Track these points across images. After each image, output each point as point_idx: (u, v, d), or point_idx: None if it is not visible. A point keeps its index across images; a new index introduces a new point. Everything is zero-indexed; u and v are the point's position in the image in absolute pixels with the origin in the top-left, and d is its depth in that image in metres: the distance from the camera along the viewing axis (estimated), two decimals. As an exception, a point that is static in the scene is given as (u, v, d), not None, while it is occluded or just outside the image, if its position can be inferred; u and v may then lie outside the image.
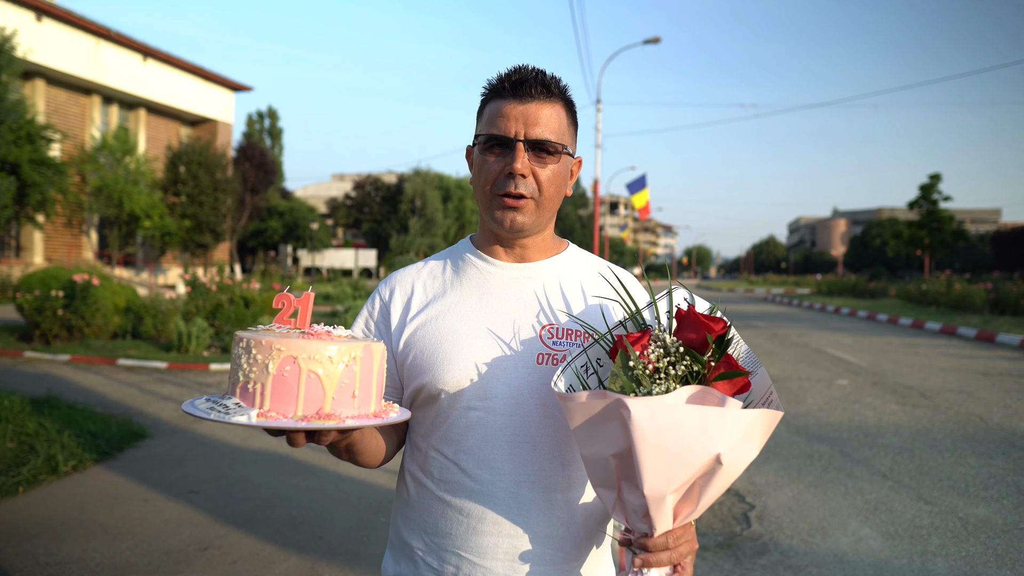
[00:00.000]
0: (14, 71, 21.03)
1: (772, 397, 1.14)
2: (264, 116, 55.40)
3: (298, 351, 0.96)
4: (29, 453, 5.35)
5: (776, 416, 1.06)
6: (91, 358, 10.30)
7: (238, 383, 1.00)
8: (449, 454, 1.26)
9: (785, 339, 15.31)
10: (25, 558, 3.78)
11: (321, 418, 0.96)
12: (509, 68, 1.29)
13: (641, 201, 23.04)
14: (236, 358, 1.01)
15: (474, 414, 1.24)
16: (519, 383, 1.24)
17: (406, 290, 1.35)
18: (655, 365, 1.05)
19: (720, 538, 4.24)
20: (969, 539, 4.25)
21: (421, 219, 47.99)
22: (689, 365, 1.06)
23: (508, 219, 1.25)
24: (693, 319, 1.08)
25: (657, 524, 1.05)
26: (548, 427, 1.24)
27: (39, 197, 22.16)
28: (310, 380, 0.97)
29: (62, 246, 29.28)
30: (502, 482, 1.23)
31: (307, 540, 4.12)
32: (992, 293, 21.76)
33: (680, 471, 1.01)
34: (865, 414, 7.57)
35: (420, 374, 1.27)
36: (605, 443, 1.05)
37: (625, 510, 1.09)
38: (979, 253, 64.29)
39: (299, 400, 0.97)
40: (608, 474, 1.09)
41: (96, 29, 29.16)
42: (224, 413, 0.96)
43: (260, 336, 0.99)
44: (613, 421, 1.02)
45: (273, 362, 0.96)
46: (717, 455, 1.00)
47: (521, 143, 1.23)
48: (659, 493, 1.02)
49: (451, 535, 1.26)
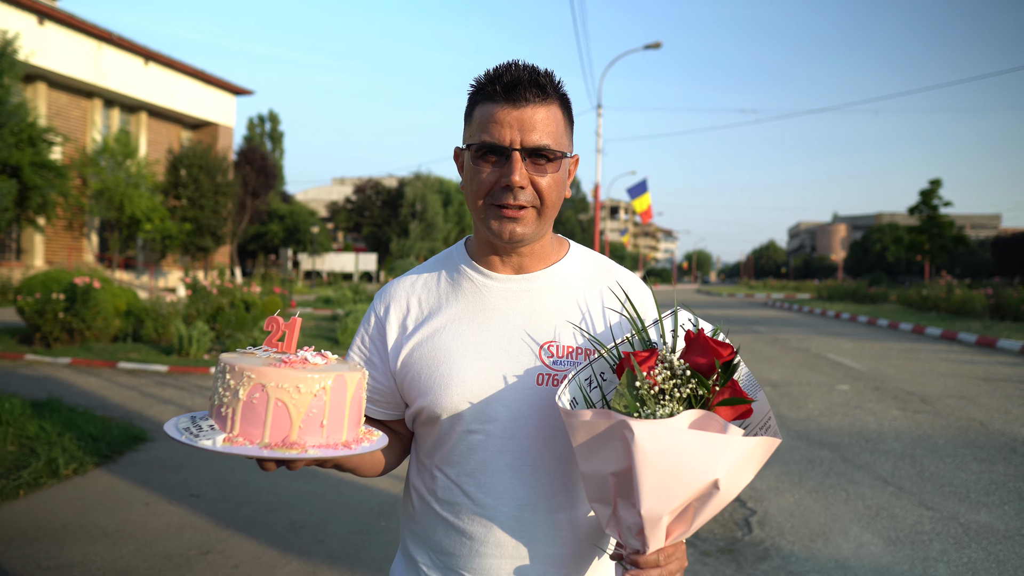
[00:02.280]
0: (16, 74, 21.05)
1: (770, 423, 1.15)
2: (265, 120, 55.49)
3: (267, 379, 0.98)
4: (30, 456, 5.34)
5: (773, 444, 1.07)
6: (92, 361, 10.29)
7: (214, 405, 1.03)
8: (452, 475, 1.25)
9: (786, 344, 15.30)
10: (26, 562, 3.77)
11: (286, 446, 0.98)
12: (498, 66, 1.19)
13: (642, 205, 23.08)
14: (215, 380, 1.04)
15: (474, 437, 1.22)
16: (519, 405, 1.21)
17: (401, 307, 1.31)
18: (660, 386, 1.05)
19: (721, 543, 4.24)
20: (971, 545, 4.25)
21: (421, 223, 48.03)
22: (694, 388, 1.06)
23: (507, 231, 1.19)
24: (702, 343, 1.08)
25: (650, 542, 1.07)
26: (549, 449, 1.22)
27: (40, 200, 22.16)
28: (277, 408, 0.99)
29: (63, 249, 29.29)
30: (504, 506, 1.22)
31: (308, 544, 4.12)
32: (992, 299, 21.75)
33: (678, 494, 1.03)
34: (866, 419, 7.56)
35: (419, 396, 1.25)
36: (606, 461, 1.06)
37: (619, 526, 1.10)
38: (979, 259, 64.23)
39: (266, 427, 0.99)
40: (605, 491, 1.10)
41: (98, 32, 29.21)
42: (195, 436, 0.99)
43: (235, 361, 1.01)
44: (615, 441, 1.04)
45: (244, 388, 0.99)
46: (715, 480, 1.02)
47: (518, 152, 1.15)
48: (656, 514, 1.04)
49: (455, 555, 1.25)
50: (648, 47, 23.25)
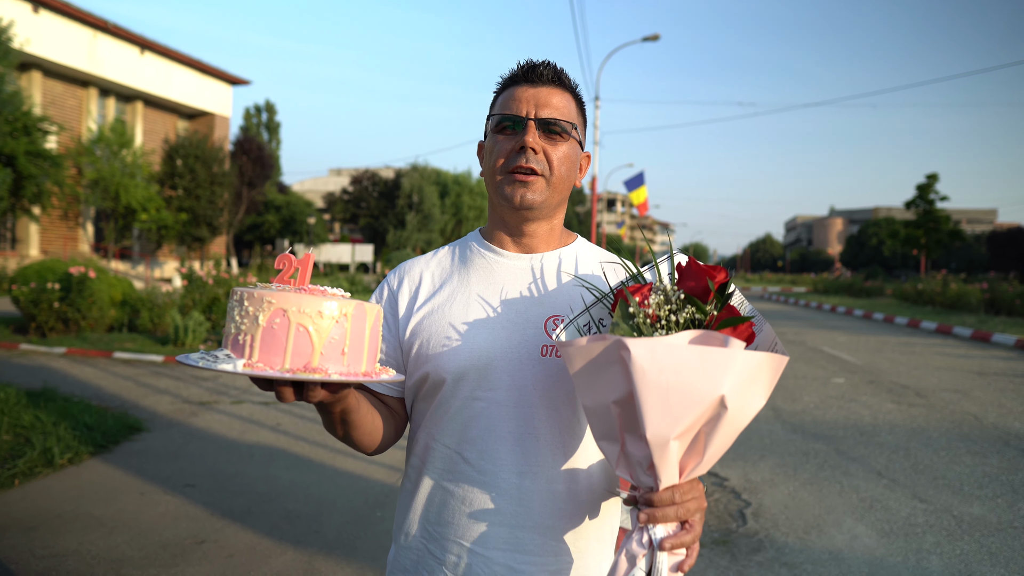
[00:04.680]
0: (10, 63, 20.96)
1: (776, 346, 1.13)
2: (262, 110, 55.24)
3: (288, 304, 0.96)
4: (25, 446, 5.34)
5: (782, 361, 1.04)
6: (87, 351, 10.28)
7: (230, 335, 1.00)
8: (452, 444, 1.26)
9: (782, 337, 15.32)
10: (21, 551, 3.78)
11: (307, 371, 0.96)
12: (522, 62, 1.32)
13: (639, 198, 23.05)
14: (230, 311, 1.01)
15: (477, 404, 1.25)
16: (523, 374, 1.24)
17: (414, 280, 1.36)
18: (656, 314, 1.03)
19: (716, 535, 4.26)
20: (963, 537, 4.27)
21: (418, 214, 47.94)
22: (691, 313, 1.04)
23: (518, 194, 1.25)
24: (694, 268, 1.08)
25: (662, 476, 1.02)
26: (552, 419, 1.24)
27: (35, 189, 22.10)
28: (299, 334, 0.96)
29: (58, 238, 29.20)
30: (504, 473, 1.24)
31: (304, 534, 4.12)
32: (988, 293, 21.82)
33: (683, 414, 0.98)
34: (861, 412, 7.59)
35: (424, 363, 1.28)
36: (606, 389, 1.03)
37: (629, 463, 1.06)
38: (975, 253, 64.39)
39: (287, 353, 0.96)
40: (610, 424, 1.06)
41: (93, 21, 29.05)
42: (212, 361, 0.96)
43: (253, 290, 0.99)
44: (614, 365, 1.00)
45: (263, 314, 0.96)
46: (721, 397, 0.97)
47: (532, 121, 1.25)
48: (662, 438, 0.99)
49: (453, 524, 1.26)
50: (646, 39, 23.17)
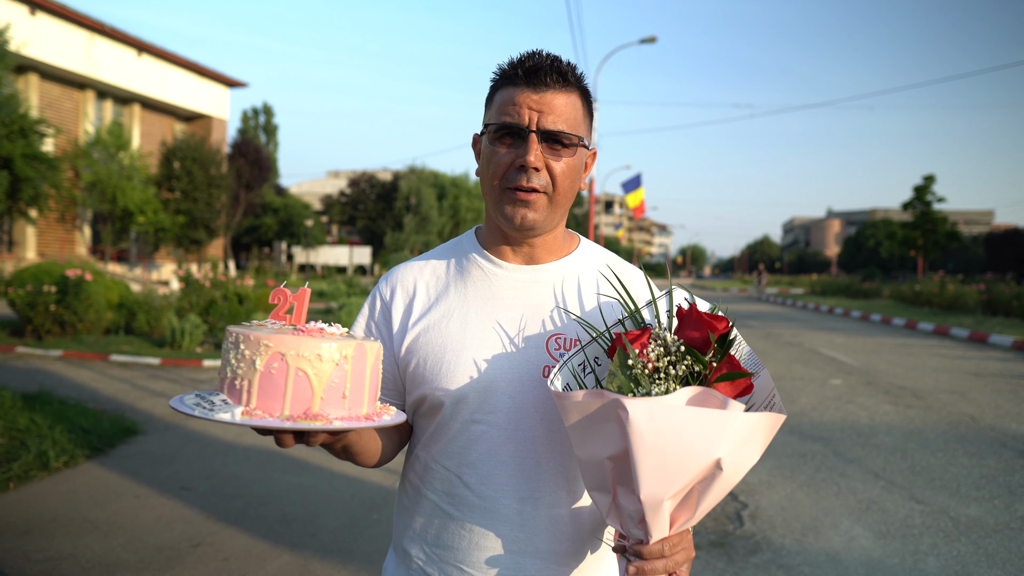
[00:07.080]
0: (7, 65, 20.90)
1: (775, 400, 1.09)
2: (259, 112, 55.24)
3: (286, 347, 0.92)
4: (20, 449, 5.32)
5: (779, 420, 1.02)
6: (84, 354, 10.25)
7: (226, 379, 0.96)
8: (452, 467, 1.22)
9: (779, 339, 15.34)
10: (16, 555, 3.76)
11: (308, 418, 0.92)
12: (522, 53, 1.20)
13: (636, 200, 23.06)
14: (225, 353, 0.97)
15: (477, 427, 1.20)
16: (523, 396, 1.19)
17: (407, 290, 1.29)
18: (655, 364, 1.00)
19: (713, 537, 4.25)
20: (960, 538, 4.27)
21: (416, 217, 47.94)
22: (690, 365, 1.01)
23: (519, 215, 1.17)
24: (695, 317, 1.04)
25: (653, 531, 1.01)
26: (553, 442, 1.19)
27: (32, 192, 22.03)
28: (298, 378, 0.92)
29: (55, 241, 29.13)
30: (505, 498, 1.19)
31: (300, 537, 4.11)
32: (985, 294, 21.86)
33: (678, 476, 0.97)
34: (858, 414, 7.59)
35: (422, 384, 1.22)
36: (601, 444, 1.01)
37: (620, 515, 1.05)
38: (972, 254, 64.46)
39: (286, 399, 0.92)
40: (603, 477, 1.05)
41: (90, 23, 29.00)
42: (209, 410, 0.92)
43: (249, 331, 0.95)
44: (610, 422, 0.98)
45: (261, 358, 0.92)
46: (717, 460, 0.96)
47: (534, 133, 1.15)
48: (656, 499, 0.98)
49: (453, 548, 1.22)
50: (644, 41, 23.21)
